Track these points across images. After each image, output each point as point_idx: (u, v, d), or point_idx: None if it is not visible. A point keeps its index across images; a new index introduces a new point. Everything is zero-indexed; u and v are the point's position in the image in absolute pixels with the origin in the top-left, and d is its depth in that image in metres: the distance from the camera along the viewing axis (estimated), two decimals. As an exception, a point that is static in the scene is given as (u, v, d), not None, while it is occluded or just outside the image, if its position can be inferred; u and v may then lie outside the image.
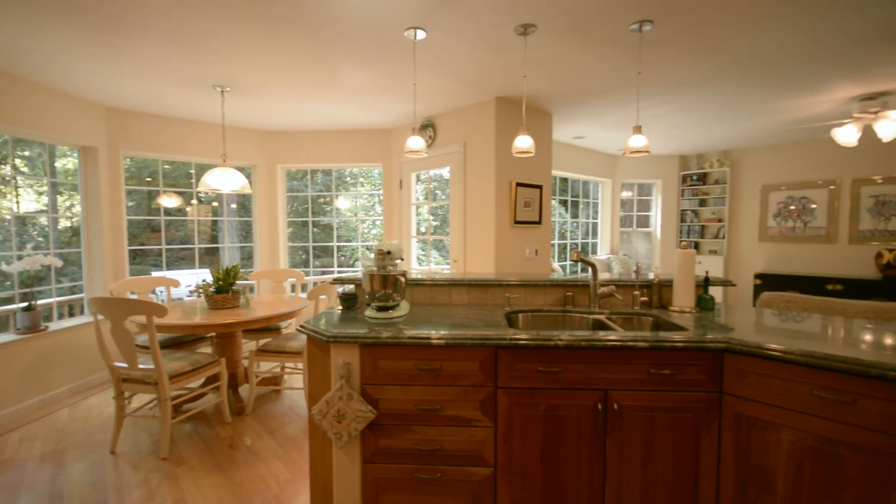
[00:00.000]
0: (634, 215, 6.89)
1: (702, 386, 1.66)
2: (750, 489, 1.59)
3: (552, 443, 1.71)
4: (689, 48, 2.82)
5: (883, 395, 1.32)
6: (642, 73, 3.24)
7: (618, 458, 1.69)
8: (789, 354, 1.47)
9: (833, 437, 1.41)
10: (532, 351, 1.68)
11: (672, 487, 1.69)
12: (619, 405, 1.68)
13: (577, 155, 6.03)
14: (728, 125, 4.92)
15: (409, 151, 2.52)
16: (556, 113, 4.32)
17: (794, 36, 2.65)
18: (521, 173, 4.05)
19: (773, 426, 1.53)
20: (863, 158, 5.41)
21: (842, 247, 5.60)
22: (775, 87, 3.61)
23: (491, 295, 2.35)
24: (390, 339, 1.68)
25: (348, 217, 7.26)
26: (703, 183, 6.56)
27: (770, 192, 6.13)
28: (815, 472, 1.45)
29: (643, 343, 1.63)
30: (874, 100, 3.69)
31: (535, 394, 1.70)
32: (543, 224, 4.26)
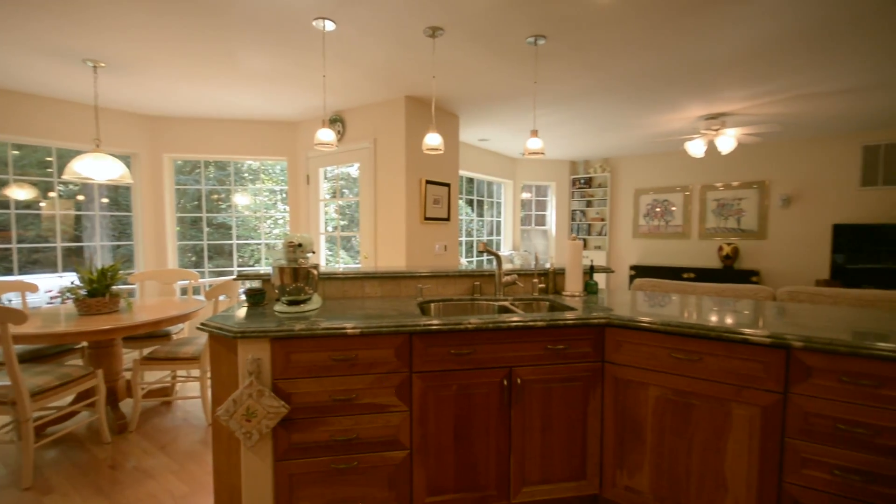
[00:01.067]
0: (533, 214, 7.47)
1: (588, 357, 1.91)
2: (626, 440, 1.88)
3: (464, 420, 1.83)
4: (577, 65, 3.18)
5: (721, 353, 1.66)
6: (538, 84, 3.56)
7: (521, 427, 1.87)
8: (654, 325, 1.77)
9: (686, 389, 1.73)
10: (444, 335, 1.78)
11: (566, 447, 1.91)
12: (522, 380, 1.86)
13: (481, 156, 6.36)
14: (608, 135, 5.60)
15: (318, 144, 2.47)
16: (463, 115, 4.53)
17: (657, 62, 3.14)
18: (430, 171, 4.18)
19: (643, 385, 1.83)
20: (708, 168, 6.53)
21: (694, 242, 6.70)
22: (643, 105, 4.22)
23: (404, 287, 2.42)
24: (304, 332, 1.66)
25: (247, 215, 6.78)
26: (589, 186, 7.35)
27: (641, 195, 7.10)
28: (674, 419, 1.76)
29: (541, 323, 1.83)
30: (716, 119, 4.50)
31: (447, 375, 1.80)
32: (452, 221, 4.45)
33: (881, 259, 5.27)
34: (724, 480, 1.67)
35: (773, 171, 6.09)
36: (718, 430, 1.68)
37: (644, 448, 1.84)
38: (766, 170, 6.13)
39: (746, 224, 6.28)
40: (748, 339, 1.59)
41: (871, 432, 1.42)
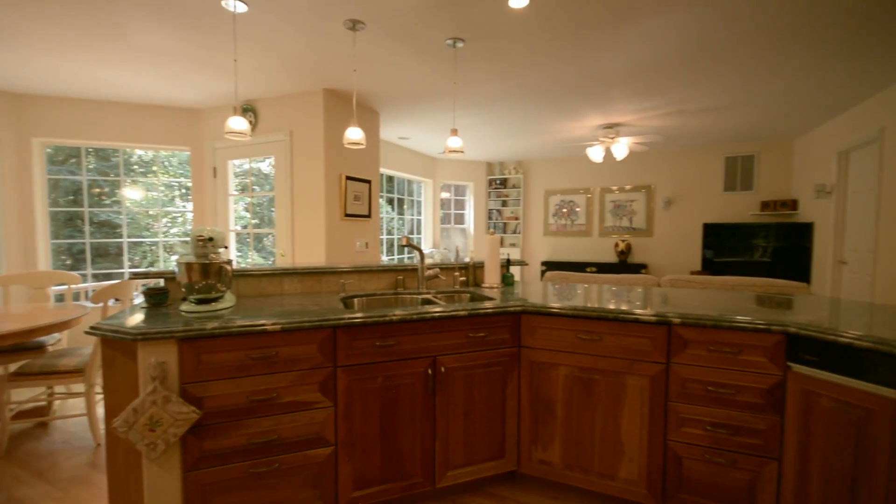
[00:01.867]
0: (452, 213, 7.67)
1: (506, 343, 2.04)
2: (540, 417, 2.04)
3: (389, 411, 1.85)
4: (492, 70, 3.35)
5: (618, 332, 1.88)
6: (458, 85, 3.69)
7: (445, 414, 1.94)
8: (563, 310, 1.95)
9: (590, 366, 1.93)
10: (369, 328, 1.79)
11: (487, 429, 2.03)
12: (445, 368, 1.93)
13: (402, 155, 6.38)
14: (521, 139, 5.96)
15: (230, 133, 2.32)
16: (384, 112, 4.52)
17: (561, 72, 3.43)
18: (350, 167, 4.11)
19: (554, 366, 2.00)
20: (606, 173, 7.24)
21: (595, 239, 7.38)
22: (551, 112, 4.57)
23: (325, 283, 2.37)
24: (218, 330, 1.56)
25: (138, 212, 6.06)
26: (504, 187, 7.74)
27: (550, 196, 7.65)
28: (580, 394, 1.96)
29: (463, 312, 1.92)
30: (611, 128, 5.01)
31: (373, 368, 1.81)
32: (373, 218, 4.42)
33: (739, 252, 6.27)
34: (620, 444, 1.90)
35: (657, 177, 6.93)
36: (616, 400, 1.90)
37: (555, 423, 2.01)
38: (651, 175, 6.96)
39: (637, 223, 7.08)
40: (639, 319, 1.83)
41: (733, 391, 1.71)
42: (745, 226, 6.20)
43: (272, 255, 4.21)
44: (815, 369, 1.55)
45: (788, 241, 5.82)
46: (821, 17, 2.57)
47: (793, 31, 2.75)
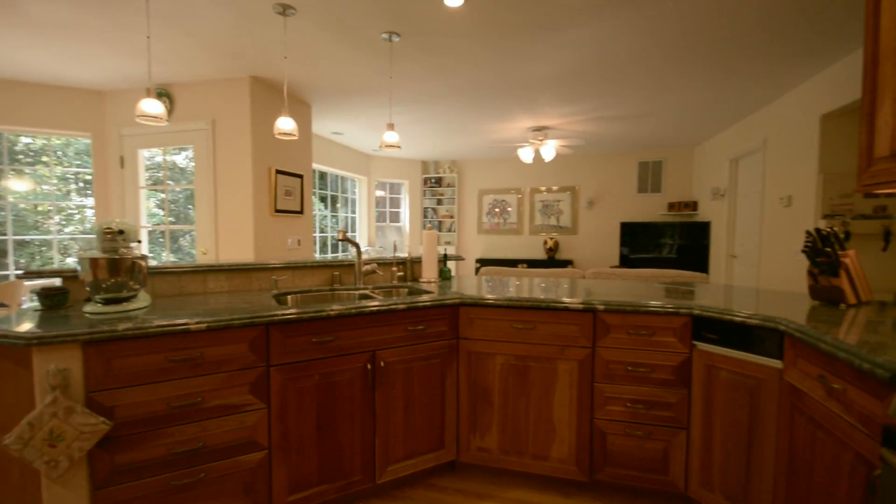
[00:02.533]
0: (387, 211, 7.61)
1: (445, 335, 2.07)
2: (478, 406, 2.10)
3: (327, 409, 1.80)
4: (429, 67, 3.38)
5: (550, 320, 1.99)
6: (394, 81, 3.67)
7: (385, 409, 1.93)
8: (499, 301, 2.03)
9: (524, 354, 2.03)
10: (305, 324, 1.73)
11: (426, 421, 2.04)
12: (385, 362, 1.92)
13: (335, 150, 6.20)
14: (456, 138, 6.06)
15: (142, 117, 2.10)
16: (316, 105, 4.36)
17: (495, 74, 3.55)
18: (281, 160, 3.92)
19: (491, 355, 2.07)
20: (535, 173, 7.60)
21: (525, 237, 7.72)
22: (485, 112, 4.71)
23: (256, 280, 2.24)
24: (132, 332, 1.42)
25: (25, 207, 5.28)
26: (439, 185, 7.83)
27: (483, 195, 7.87)
28: (516, 381, 2.04)
29: (402, 305, 1.92)
30: (540, 131, 5.27)
31: (309, 365, 1.75)
32: (305, 214, 4.25)
33: (650, 249, 6.90)
34: (553, 426, 2.01)
35: (580, 179, 7.41)
36: (548, 385, 2.01)
37: (493, 410, 2.08)
38: (576, 177, 7.43)
39: (563, 222, 7.51)
40: (568, 307, 1.95)
41: (649, 369, 1.89)
42: (655, 224, 6.83)
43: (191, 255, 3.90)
44: (716, 346, 1.76)
45: (690, 238, 6.51)
46: (718, 41, 2.92)
47: (695, 51, 3.09)
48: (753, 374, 1.64)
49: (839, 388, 1.22)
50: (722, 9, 2.52)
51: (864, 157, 1.63)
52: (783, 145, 4.18)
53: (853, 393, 1.17)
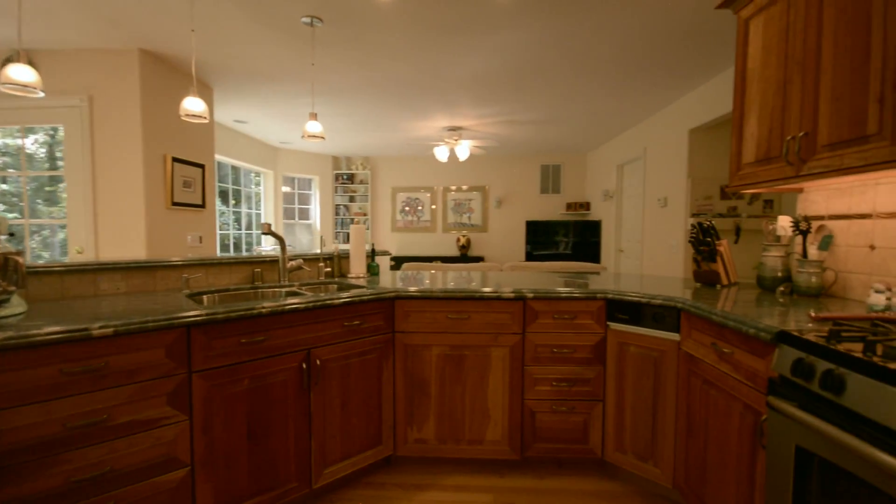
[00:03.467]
0: (296, 208, 7.19)
1: (381, 329, 2.04)
2: (415, 398, 2.11)
3: (259, 415, 1.67)
4: (351, 58, 3.28)
5: (483, 310, 2.07)
6: (312, 70, 3.48)
7: (322, 409, 1.85)
8: (435, 293, 2.06)
9: (460, 344, 2.09)
10: (234, 323, 1.58)
11: (364, 418, 2.00)
12: (321, 361, 1.83)
13: (237, 140, 5.69)
14: (371, 133, 5.96)
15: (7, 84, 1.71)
16: (219, 88, 3.96)
17: (417, 70, 3.57)
18: (179, 147, 3.48)
19: (427, 347, 2.10)
20: (448, 173, 7.80)
21: (439, 235, 7.89)
22: (403, 109, 4.71)
23: (162, 279, 1.98)
24: (14, 342, 1.17)
25: None
26: (352, 182, 7.62)
27: (397, 193, 7.85)
28: (452, 371, 2.10)
29: (339, 300, 1.85)
30: (455, 131, 5.43)
31: (238, 369, 1.60)
32: (207, 208, 3.83)
33: (551, 245, 7.50)
34: (487, 410, 2.10)
35: (490, 179, 7.78)
36: (483, 372, 2.10)
37: (429, 401, 2.11)
38: (486, 177, 7.78)
39: (475, 220, 7.82)
40: (501, 296, 2.06)
41: (571, 350, 2.07)
42: (555, 223, 7.45)
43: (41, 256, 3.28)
44: (627, 325, 1.99)
45: (584, 235, 7.23)
46: (616, 60, 3.29)
47: (597, 68, 3.45)
48: (657, 347, 1.89)
49: (728, 352, 1.48)
50: (619, 34, 2.86)
51: (735, 163, 1.98)
52: (660, 154, 4.85)
53: (740, 355, 1.42)
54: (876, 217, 1.66)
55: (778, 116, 1.71)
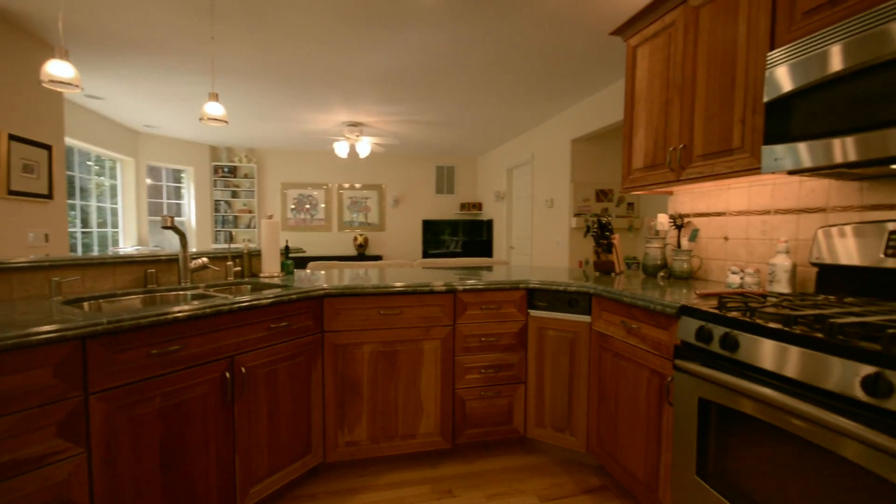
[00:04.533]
0: (165, 203, 6.24)
1: (310, 330, 1.92)
2: (346, 400, 2.03)
3: (175, 436, 1.44)
4: (249, 37, 2.98)
5: (415, 304, 2.08)
6: (196, 44, 3.07)
7: (247, 422, 1.67)
8: (367, 289, 2.00)
9: (393, 339, 2.06)
10: (144, 332, 1.34)
11: (293, 427, 1.86)
12: (246, 368, 1.65)
13: (87, 119, 4.72)
14: (259, 124, 5.46)
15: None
16: (77, 54, 3.24)
17: (323, 59, 3.40)
18: (17, 123, 2.76)
19: (359, 345, 2.03)
20: (342, 170, 7.54)
21: (334, 233, 7.59)
22: (300, 99, 4.42)
23: (20, 284, 1.57)
24: None
25: None
26: (234, 176, 6.88)
27: (288, 189, 7.33)
28: (385, 367, 2.06)
29: (266, 301, 1.69)
30: (356, 126, 5.29)
31: (147, 385, 1.36)
32: (56, 200, 3.11)
33: (446, 244, 7.77)
34: (420, 404, 2.12)
35: (386, 178, 7.74)
36: (415, 366, 2.11)
37: (362, 401, 2.05)
38: (382, 176, 7.72)
39: (372, 219, 7.71)
40: (434, 290, 2.09)
41: (497, 338, 2.20)
42: (450, 222, 7.75)
43: None
44: (545, 311, 2.19)
45: (477, 234, 7.66)
46: (514, 71, 3.56)
47: (497, 76, 3.69)
48: (572, 329, 2.12)
49: (636, 327, 1.74)
50: (524, 48, 3.11)
51: (626, 168, 2.32)
52: (546, 160, 5.38)
53: (647, 329, 1.68)
54: (728, 214, 2.10)
55: (662, 131, 2.06)
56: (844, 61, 1.20)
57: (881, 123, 1.13)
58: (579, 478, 2.07)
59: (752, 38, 1.59)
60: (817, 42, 1.27)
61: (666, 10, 2.02)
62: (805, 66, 1.30)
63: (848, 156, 1.21)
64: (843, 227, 1.51)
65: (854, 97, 1.19)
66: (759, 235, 1.94)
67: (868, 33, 1.15)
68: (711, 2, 1.78)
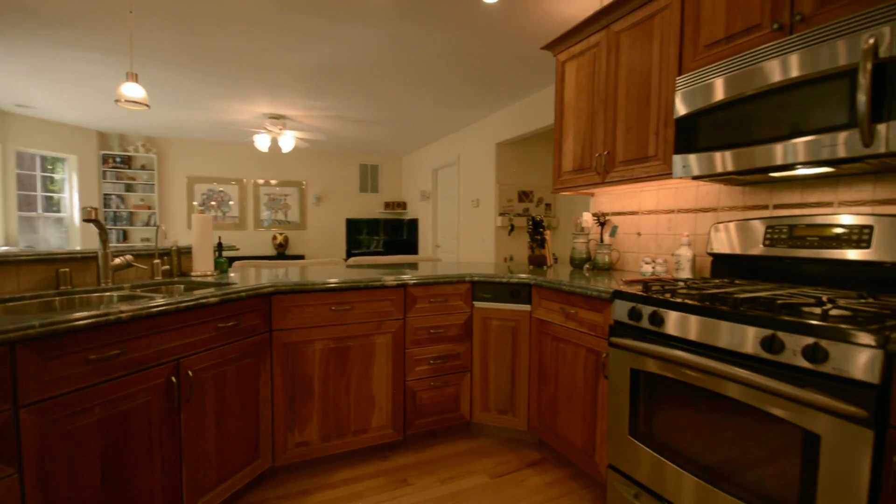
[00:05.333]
0: (40, 195, 5.33)
1: (258, 329, 1.84)
2: (297, 399, 1.97)
3: (117, 450, 1.31)
4: (168, 14, 2.71)
5: (367, 299, 2.09)
6: (101, 14, 2.71)
7: (194, 429, 1.56)
8: (318, 285, 1.97)
9: (344, 335, 2.05)
10: (83, 335, 1.20)
11: (241, 431, 1.77)
12: (193, 371, 1.54)
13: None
14: (163, 110, 4.93)
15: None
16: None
17: (251, 44, 3.21)
18: None
19: (310, 343, 1.99)
20: (259, 165, 7.09)
21: (250, 232, 7.10)
22: (217, 86, 4.10)
23: None
24: None
25: None
26: (128, 167, 6.11)
27: (195, 183, 6.69)
28: (336, 363, 2.04)
29: (215, 298, 1.60)
30: (279, 119, 5.03)
31: (86, 395, 1.22)
32: None
33: (371, 243, 7.71)
34: (373, 398, 2.14)
35: (308, 175, 7.45)
36: (367, 360, 2.12)
37: (313, 400, 2.01)
38: (303, 172, 7.41)
39: (292, 217, 7.35)
40: (385, 284, 2.12)
41: (444, 329, 2.30)
42: (375, 220, 7.69)
43: None
44: (489, 303, 2.34)
45: (402, 233, 7.70)
46: (445, 74, 3.69)
47: (429, 78, 3.79)
48: (514, 318, 2.29)
49: (573, 312, 1.95)
50: (460, 53, 3.25)
51: (557, 171, 2.56)
52: (472, 161, 5.62)
53: (584, 313, 1.89)
54: (641, 213, 2.43)
55: (588, 138, 2.32)
56: (725, 92, 1.50)
57: (751, 142, 1.44)
58: (522, 454, 2.24)
59: (664, 63, 1.88)
60: (708, 74, 1.56)
61: (591, 31, 2.29)
62: (701, 92, 1.59)
63: (727, 166, 1.51)
64: (729, 224, 1.86)
65: (733, 120, 1.49)
66: (665, 231, 2.29)
67: (745, 70, 1.45)
68: (630, 28, 2.06)
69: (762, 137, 1.43)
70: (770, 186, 1.82)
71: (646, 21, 1.98)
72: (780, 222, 1.69)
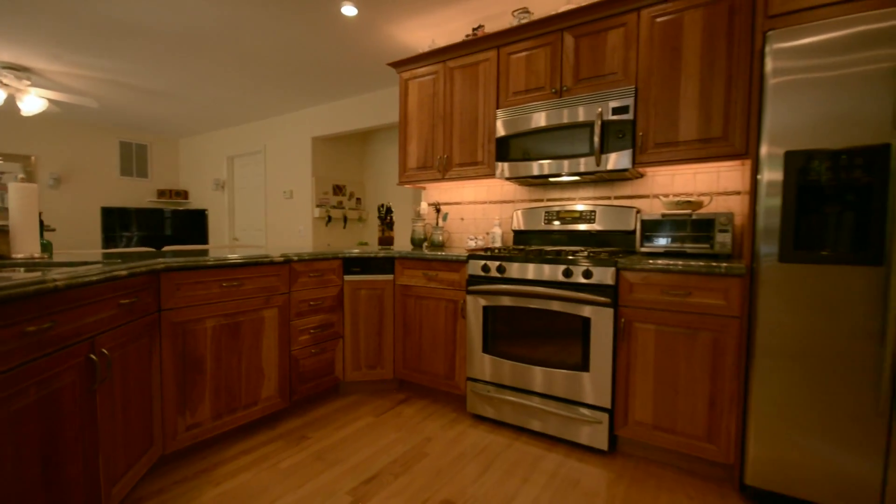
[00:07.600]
0: None
1: (150, 308, 1.75)
2: (188, 380, 1.92)
3: (53, 433, 1.18)
4: None
5: (255, 275, 2.18)
6: None
7: (109, 413, 1.45)
8: (210, 262, 1.97)
9: (235, 311, 2.09)
10: (17, 304, 1.08)
11: (140, 415, 1.67)
12: (107, 350, 1.44)
13: None
14: None
15: None
16: None
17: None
18: None
19: (201, 321, 1.96)
20: (-53, 127, 4.99)
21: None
22: (-74, 12, 2.91)
23: None
24: None
25: None
26: None
27: None
28: (228, 340, 2.07)
29: (122, 272, 1.51)
30: (21, 71, 3.82)
31: (22, 372, 1.10)
32: None
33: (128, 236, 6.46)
34: (262, 370, 2.23)
35: (41, 148, 5.66)
36: (257, 335, 2.21)
37: (205, 379, 1.98)
38: (32, 145, 5.59)
39: (11, 203, 5.45)
40: (273, 261, 2.25)
41: (321, 301, 2.56)
42: (146, 210, 6.50)
43: None
44: (359, 275, 2.73)
45: (187, 224, 6.77)
46: (268, 57, 3.73)
47: (247, 59, 3.73)
48: (380, 286, 2.76)
49: (434, 274, 2.58)
50: (292, 42, 3.40)
51: (402, 166, 3.14)
52: (283, 152, 5.58)
53: (443, 274, 2.54)
54: (463, 203, 3.26)
55: (430, 144, 2.98)
56: (524, 126, 2.42)
57: (539, 157, 2.39)
58: (391, 397, 2.74)
59: (487, 99, 2.71)
60: (516, 112, 2.46)
61: (431, 62, 2.95)
62: (512, 123, 2.47)
63: (526, 172, 2.44)
64: (523, 210, 2.84)
65: (529, 143, 2.41)
66: (482, 216, 3.17)
67: (534, 114, 2.39)
68: (461, 67, 2.82)
69: (544, 156, 2.38)
70: (545, 187, 2.88)
71: (472, 66, 2.77)
72: (551, 208, 2.74)
